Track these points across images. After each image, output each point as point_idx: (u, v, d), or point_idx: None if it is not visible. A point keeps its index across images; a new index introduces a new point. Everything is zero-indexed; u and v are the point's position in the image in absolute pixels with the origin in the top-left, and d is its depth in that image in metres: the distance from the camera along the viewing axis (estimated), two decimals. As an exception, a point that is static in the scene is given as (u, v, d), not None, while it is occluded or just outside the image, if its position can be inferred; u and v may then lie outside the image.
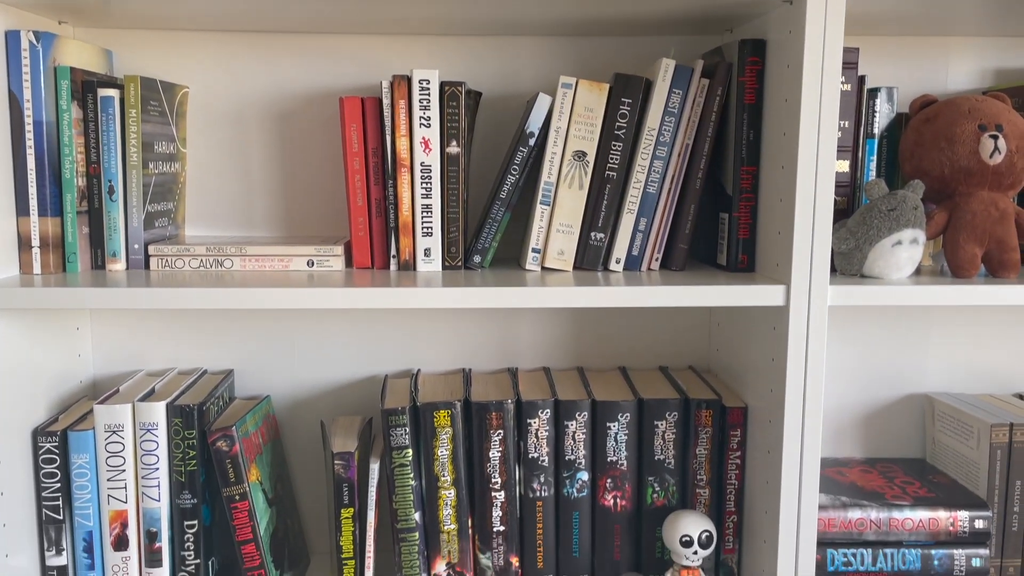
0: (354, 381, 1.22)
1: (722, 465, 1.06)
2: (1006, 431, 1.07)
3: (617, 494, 1.06)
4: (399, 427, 1.03)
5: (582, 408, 1.05)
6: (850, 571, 1.07)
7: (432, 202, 1.01)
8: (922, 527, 1.06)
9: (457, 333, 1.22)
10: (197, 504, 1.02)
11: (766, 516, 0.99)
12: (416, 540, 1.05)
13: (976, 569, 1.07)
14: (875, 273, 0.96)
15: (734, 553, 1.07)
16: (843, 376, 1.24)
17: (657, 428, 1.05)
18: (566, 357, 1.23)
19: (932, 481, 1.14)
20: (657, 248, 1.04)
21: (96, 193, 1.01)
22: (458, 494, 1.05)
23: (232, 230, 1.19)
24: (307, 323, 1.20)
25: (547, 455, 1.05)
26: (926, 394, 1.23)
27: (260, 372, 1.21)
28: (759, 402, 1.01)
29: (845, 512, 1.06)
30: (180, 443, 1.01)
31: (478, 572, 1.07)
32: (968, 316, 1.23)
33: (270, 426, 1.16)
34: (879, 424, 1.24)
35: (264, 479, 1.08)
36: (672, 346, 1.23)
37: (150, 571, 1.03)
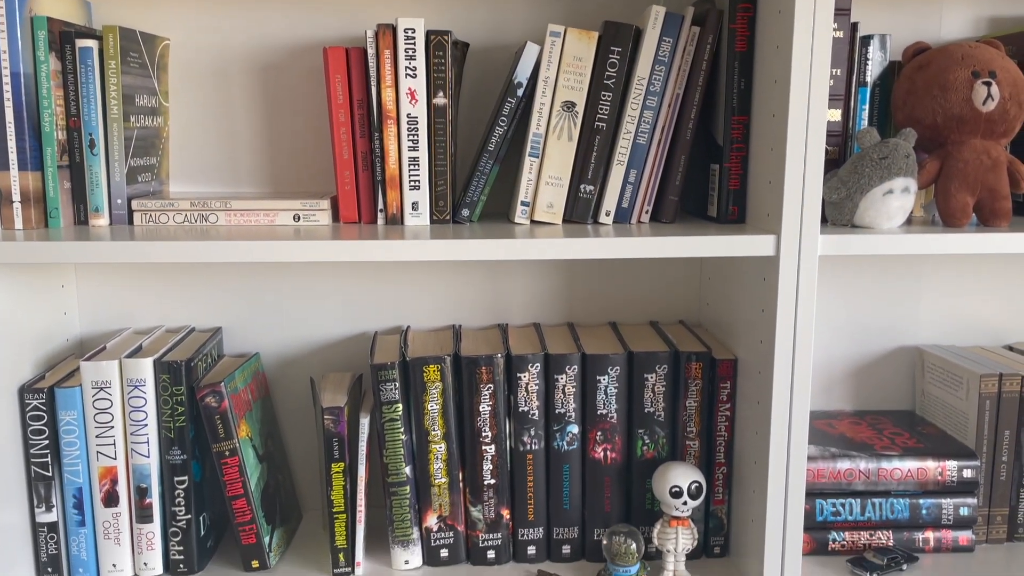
0: (343, 338, 1.21)
1: (712, 417, 1.06)
2: (995, 381, 1.07)
3: (607, 447, 1.06)
4: (389, 382, 1.03)
5: (572, 362, 1.05)
6: (839, 520, 1.08)
7: (419, 155, 1.00)
8: (910, 477, 1.07)
9: (447, 289, 1.21)
10: (187, 460, 1.02)
11: (755, 467, 0.99)
12: (407, 494, 1.05)
13: (964, 518, 1.08)
14: (866, 223, 0.95)
15: (724, 504, 1.08)
16: (833, 329, 1.24)
17: (647, 381, 1.05)
18: (556, 313, 1.23)
19: (921, 432, 1.14)
20: (647, 200, 1.03)
21: (77, 147, 0.99)
22: (448, 448, 1.05)
23: (217, 186, 1.17)
24: (295, 280, 1.19)
25: (537, 409, 1.05)
26: (916, 346, 1.23)
27: (249, 330, 1.20)
28: (749, 354, 1.01)
29: (834, 463, 1.07)
30: (168, 399, 1.01)
31: (469, 525, 1.07)
32: (959, 267, 1.23)
33: (259, 383, 1.15)
34: (869, 377, 1.25)
35: (254, 435, 1.08)
36: (662, 301, 1.23)
37: (141, 527, 1.03)
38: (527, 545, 1.08)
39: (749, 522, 1.02)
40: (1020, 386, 1.07)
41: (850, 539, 1.08)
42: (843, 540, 1.08)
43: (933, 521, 1.08)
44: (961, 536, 1.08)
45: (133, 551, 1.03)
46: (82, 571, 1.03)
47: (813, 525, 1.07)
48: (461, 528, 1.07)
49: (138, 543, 1.03)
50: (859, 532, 1.08)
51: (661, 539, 1.03)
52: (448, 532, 1.07)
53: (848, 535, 1.08)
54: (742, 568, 1.04)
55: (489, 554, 1.07)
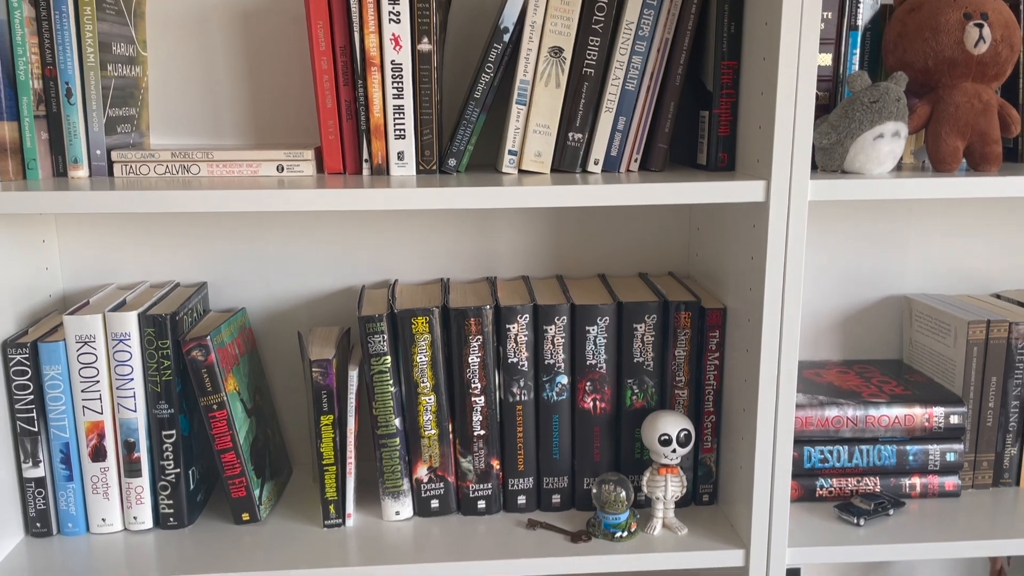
0: (330, 292, 1.20)
1: (700, 366, 1.06)
2: (983, 328, 1.08)
3: (596, 397, 1.06)
4: (377, 334, 1.02)
5: (561, 312, 1.04)
6: (826, 467, 1.08)
7: (404, 103, 0.98)
8: (898, 423, 1.07)
9: (435, 242, 1.20)
10: (174, 414, 1.01)
11: (744, 414, 1.00)
12: (397, 446, 1.05)
13: (950, 463, 1.09)
14: (856, 168, 0.95)
15: (712, 452, 1.08)
16: (821, 279, 1.23)
17: (636, 331, 1.05)
18: (545, 265, 1.22)
19: (908, 380, 1.15)
20: (636, 148, 1.02)
21: (53, 96, 0.97)
22: (438, 400, 1.05)
23: (199, 138, 1.15)
24: (281, 233, 1.18)
25: (526, 360, 1.05)
26: (904, 295, 1.23)
27: (234, 285, 1.19)
28: (738, 302, 1.01)
29: (822, 410, 1.07)
30: (154, 353, 1.00)
31: (459, 476, 1.08)
32: (948, 216, 1.22)
33: (246, 338, 1.15)
34: (857, 326, 1.25)
35: (242, 389, 1.07)
36: (651, 252, 1.22)
37: (129, 481, 1.02)
38: (517, 495, 1.08)
39: (738, 469, 1.02)
40: (1007, 333, 1.08)
41: (837, 486, 1.09)
42: (830, 487, 1.09)
43: (920, 467, 1.09)
44: (947, 481, 1.09)
45: (122, 505, 1.03)
46: (71, 526, 1.03)
47: (801, 472, 1.08)
48: (451, 479, 1.07)
49: (127, 497, 1.03)
50: (846, 479, 1.09)
51: (650, 487, 1.03)
52: (438, 483, 1.07)
53: (835, 482, 1.09)
54: (730, 515, 1.05)
55: (480, 504, 1.08)
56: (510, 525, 1.05)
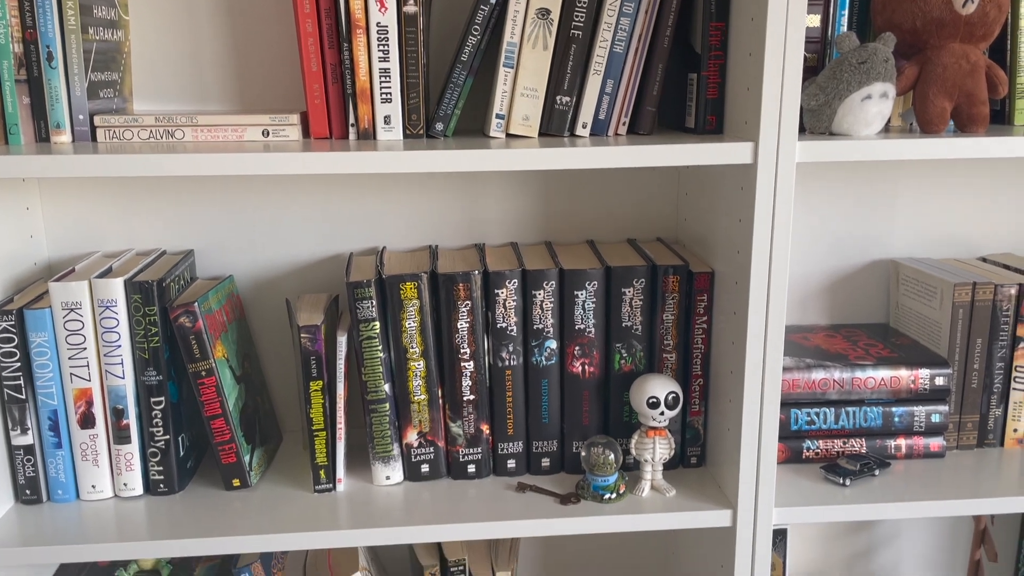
0: (318, 260, 1.20)
1: (689, 330, 1.07)
2: (968, 290, 1.08)
3: (585, 361, 1.07)
4: (365, 300, 1.02)
5: (549, 277, 1.04)
6: (813, 429, 1.09)
7: (390, 66, 0.97)
8: (884, 385, 1.08)
9: (423, 209, 1.19)
10: (163, 381, 1.01)
11: (731, 376, 1.00)
12: (387, 411, 1.05)
13: (935, 424, 1.10)
14: (843, 130, 0.94)
15: (700, 415, 1.09)
16: (809, 244, 1.24)
17: (624, 295, 1.05)
18: (534, 232, 1.22)
19: (895, 343, 1.16)
20: (624, 112, 1.01)
21: (34, 60, 0.95)
22: (427, 365, 1.05)
23: (182, 104, 1.14)
24: (268, 200, 1.17)
25: (515, 325, 1.05)
26: (891, 259, 1.23)
27: (221, 253, 1.18)
28: (726, 266, 1.01)
29: (809, 373, 1.08)
30: (141, 320, 1.00)
31: (449, 440, 1.08)
32: (934, 179, 1.23)
33: (234, 305, 1.14)
34: (844, 291, 1.25)
35: (230, 356, 1.07)
36: (640, 218, 1.22)
37: (119, 448, 1.02)
38: (507, 459, 1.09)
39: (725, 431, 1.03)
40: (993, 295, 1.08)
41: (824, 447, 1.10)
42: (817, 448, 1.10)
43: (905, 428, 1.10)
44: (932, 443, 1.10)
45: (112, 472, 1.03)
46: (61, 492, 1.03)
47: (788, 434, 1.09)
48: (441, 444, 1.08)
49: (117, 464, 1.03)
50: (833, 440, 1.10)
51: (639, 449, 1.04)
52: (428, 448, 1.08)
53: (822, 443, 1.10)
54: (718, 477, 1.06)
55: (470, 468, 1.08)
56: (500, 488, 1.06)
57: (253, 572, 1.06)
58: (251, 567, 1.06)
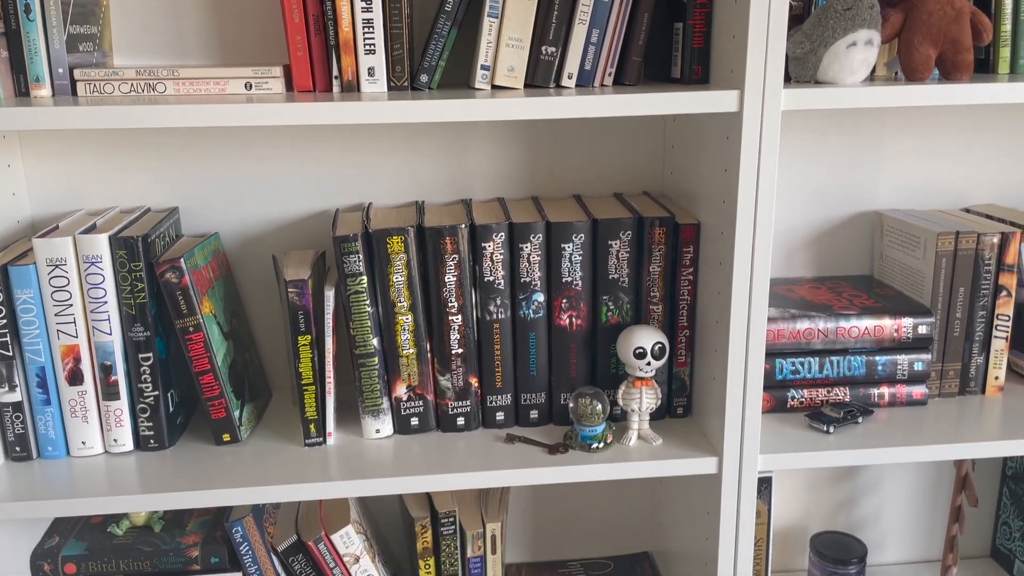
0: (304, 217, 1.19)
1: (675, 282, 1.07)
2: (952, 239, 1.09)
3: (572, 314, 1.07)
4: (352, 254, 1.02)
5: (536, 230, 1.04)
6: (797, 378, 1.11)
7: (373, 16, 0.96)
8: (867, 334, 1.10)
9: (409, 165, 1.19)
10: (150, 337, 1.01)
11: (717, 326, 1.01)
12: (376, 365, 1.06)
13: (918, 372, 1.11)
14: (829, 78, 0.94)
15: (686, 366, 1.10)
16: (794, 196, 1.24)
17: (611, 248, 1.05)
18: (521, 187, 1.22)
19: (879, 293, 1.17)
20: (610, 62, 1.01)
21: (12, 12, 0.94)
22: (415, 319, 1.05)
23: (163, 59, 1.12)
24: (252, 157, 1.16)
25: (503, 278, 1.05)
26: (876, 211, 1.24)
27: (206, 210, 1.17)
28: (712, 217, 1.01)
29: (794, 323, 1.09)
30: (127, 276, 0.99)
31: (438, 394, 1.09)
32: (919, 131, 1.23)
33: (220, 262, 1.14)
34: (829, 243, 1.26)
35: (218, 313, 1.07)
36: (626, 172, 1.22)
37: (108, 404, 1.03)
38: (496, 411, 1.10)
39: (711, 380, 1.04)
40: (975, 244, 1.09)
41: (808, 396, 1.11)
42: (801, 397, 1.11)
43: (888, 377, 1.11)
44: (915, 390, 1.12)
45: (102, 428, 1.03)
46: (51, 449, 1.03)
47: (773, 384, 1.10)
48: (430, 397, 1.09)
49: (106, 420, 1.03)
50: (817, 389, 1.11)
51: (626, 399, 1.05)
52: (418, 401, 1.08)
53: (807, 392, 1.11)
54: (704, 426, 1.08)
55: (459, 421, 1.09)
56: (489, 440, 1.07)
57: (245, 526, 1.07)
58: (243, 521, 1.07)
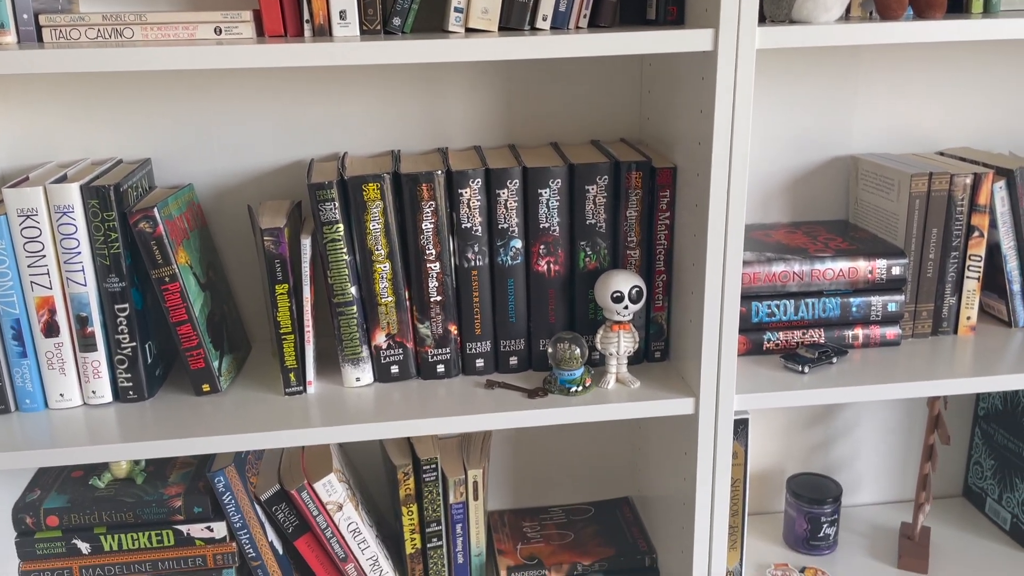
0: (279, 167, 1.18)
1: (652, 226, 1.08)
2: (925, 180, 1.10)
3: (550, 260, 1.08)
4: (328, 201, 1.01)
5: (513, 176, 1.04)
6: (773, 321, 1.12)
7: (344, -43, 0.95)
8: (842, 276, 1.11)
9: (384, 114, 1.18)
10: (126, 287, 1.01)
11: (693, 268, 1.02)
12: (354, 313, 1.06)
13: (892, 313, 1.13)
14: (803, 17, 0.94)
15: (663, 311, 1.11)
16: (770, 142, 1.24)
17: (588, 192, 1.05)
18: (497, 135, 1.21)
19: (853, 236, 1.18)
20: (585, 4, 1.00)
21: (-30, -44, 0.92)
22: (393, 267, 1.05)
23: (130, 4, 1.10)
24: (226, 107, 1.15)
25: (480, 224, 1.05)
26: (852, 155, 1.25)
27: (179, 161, 1.16)
28: (688, 160, 1.02)
29: (769, 266, 1.10)
30: (100, 226, 0.98)
31: (418, 341, 1.09)
32: (893, 73, 1.23)
33: (195, 213, 1.13)
34: (805, 189, 1.27)
35: (194, 264, 1.06)
36: (603, 119, 1.22)
37: (85, 356, 1.02)
38: (475, 358, 1.10)
39: (687, 323, 1.05)
40: (948, 185, 1.10)
41: (784, 339, 1.12)
42: (777, 340, 1.12)
43: (862, 318, 1.13)
44: (888, 331, 1.13)
45: (80, 380, 1.03)
46: (29, 402, 1.03)
47: (748, 327, 1.12)
48: (410, 345, 1.09)
49: (84, 372, 1.03)
50: (792, 331, 1.12)
51: (604, 343, 1.06)
52: (397, 349, 1.09)
53: (782, 335, 1.12)
54: (681, 369, 1.09)
55: (439, 368, 1.10)
56: (469, 387, 1.08)
57: (227, 476, 1.08)
58: (225, 471, 1.07)
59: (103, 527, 1.10)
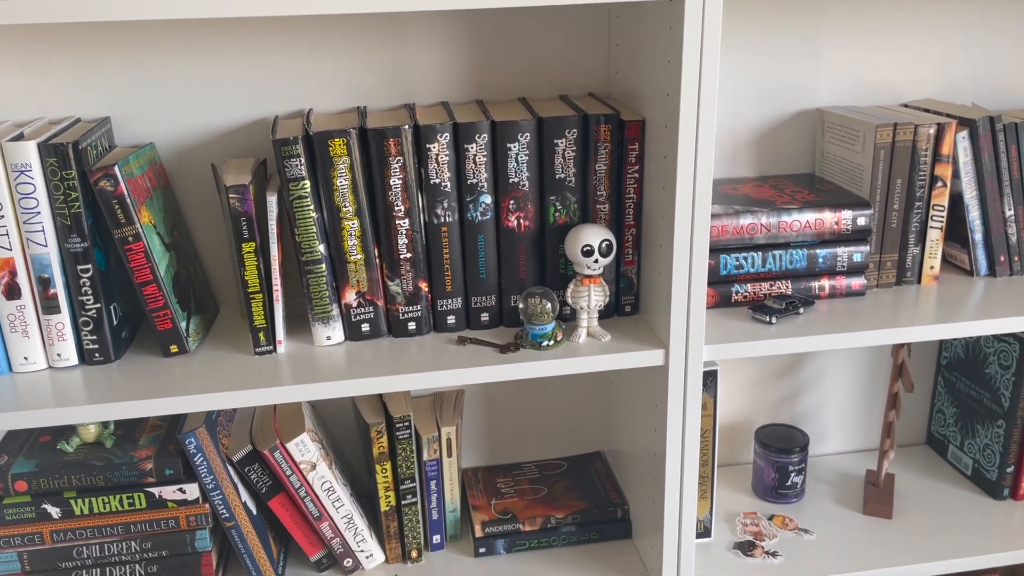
0: (242, 125, 1.16)
1: (621, 180, 1.08)
2: (890, 131, 1.11)
3: (520, 215, 1.07)
4: (293, 157, 1.00)
5: (481, 130, 1.03)
6: (741, 273, 1.13)
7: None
8: (808, 228, 1.12)
9: (349, 70, 1.16)
10: (89, 248, 0.99)
11: (663, 221, 1.02)
12: (323, 272, 1.05)
13: (857, 264, 1.14)
14: (770, -35, 0.94)
15: (633, 265, 1.11)
16: (737, 96, 1.25)
17: (557, 146, 1.05)
18: (465, 91, 1.20)
19: (820, 188, 1.19)
20: (551, -46, 0.99)
21: (-89, -97, 0.88)
22: (362, 224, 1.04)
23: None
24: (187, 63, 1.12)
25: (449, 180, 1.04)
26: (818, 108, 1.25)
27: (139, 120, 1.13)
28: (656, 112, 1.01)
29: (737, 218, 1.11)
30: (59, 184, 0.96)
31: (388, 299, 1.09)
32: (859, 27, 1.24)
33: (157, 173, 1.11)
34: (771, 142, 1.27)
35: (158, 223, 1.05)
36: (571, 75, 1.21)
37: (49, 318, 1.00)
38: (446, 315, 1.10)
39: (657, 277, 1.06)
40: (913, 135, 1.11)
41: (752, 291, 1.14)
42: (745, 292, 1.13)
43: (828, 269, 1.14)
44: (854, 282, 1.15)
45: (44, 343, 1.01)
46: (-7, 366, 1.01)
47: (717, 279, 1.13)
48: (380, 303, 1.08)
49: (48, 335, 1.01)
50: (760, 283, 1.13)
51: (575, 297, 1.06)
52: (368, 307, 1.08)
53: (750, 287, 1.13)
54: (651, 322, 1.10)
55: (410, 326, 1.10)
56: (441, 343, 1.08)
57: (199, 437, 1.07)
58: (196, 432, 1.07)
59: (73, 491, 1.09)
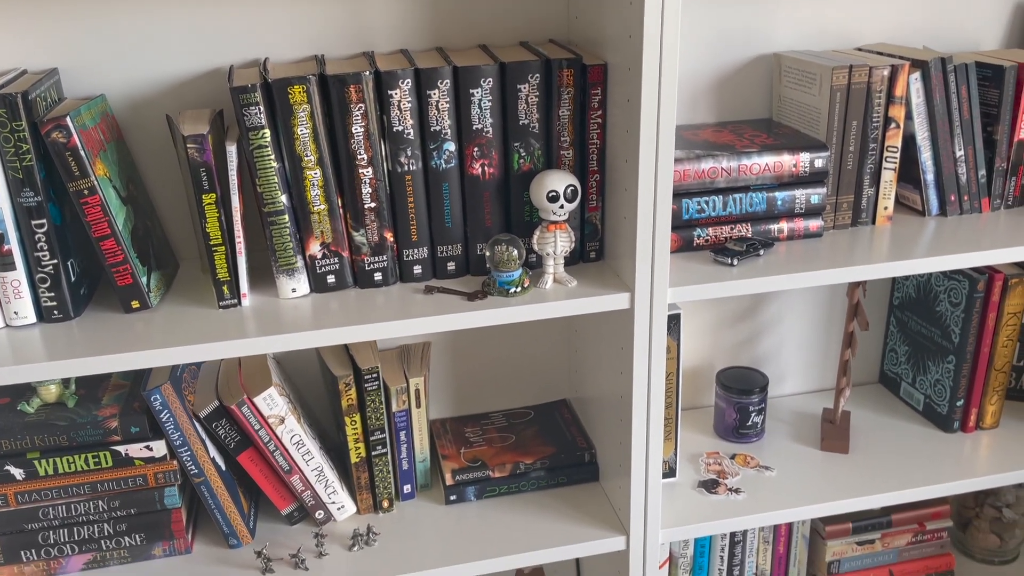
0: (197, 75, 1.13)
1: (584, 125, 1.08)
2: (845, 73, 1.13)
3: (484, 162, 1.07)
4: (252, 105, 0.98)
5: (443, 75, 1.02)
6: (703, 217, 1.15)
7: None
8: (768, 171, 1.14)
9: (306, 17, 1.13)
10: (42, 202, 0.96)
11: (626, 165, 1.03)
12: (286, 223, 1.04)
13: (814, 206, 1.17)
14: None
15: (598, 211, 1.12)
16: (698, 41, 1.25)
17: (520, 92, 1.05)
18: (425, 38, 1.18)
19: (778, 132, 1.20)
20: None
21: None
22: (324, 173, 1.03)
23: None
24: (136, 11, 1.08)
25: (412, 128, 1.04)
26: (775, 53, 1.27)
27: (89, 71, 1.10)
28: (619, 55, 1.01)
29: (699, 163, 1.12)
30: (9, 137, 0.93)
31: (353, 250, 1.08)
32: (816, -29, 1.25)
33: (110, 125, 1.08)
34: (730, 88, 1.29)
35: (113, 177, 1.02)
36: (532, 21, 1.20)
37: (3, 275, 0.98)
38: (413, 265, 1.10)
39: (621, 221, 1.07)
40: (868, 77, 1.13)
41: (713, 234, 1.15)
42: (707, 235, 1.15)
43: (787, 211, 1.16)
44: (811, 223, 1.17)
45: (0, 301, 0.99)
46: (-54, 326, 0.98)
47: (680, 224, 1.14)
48: (346, 254, 1.08)
49: (4, 292, 0.98)
50: (721, 227, 1.15)
51: (541, 244, 1.07)
52: (333, 258, 1.07)
53: (711, 231, 1.15)
54: (616, 267, 1.11)
55: (376, 276, 1.09)
56: (408, 293, 1.08)
57: (164, 393, 1.06)
58: (161, 388, 1.05)
59: (36, 452, 1.07)
